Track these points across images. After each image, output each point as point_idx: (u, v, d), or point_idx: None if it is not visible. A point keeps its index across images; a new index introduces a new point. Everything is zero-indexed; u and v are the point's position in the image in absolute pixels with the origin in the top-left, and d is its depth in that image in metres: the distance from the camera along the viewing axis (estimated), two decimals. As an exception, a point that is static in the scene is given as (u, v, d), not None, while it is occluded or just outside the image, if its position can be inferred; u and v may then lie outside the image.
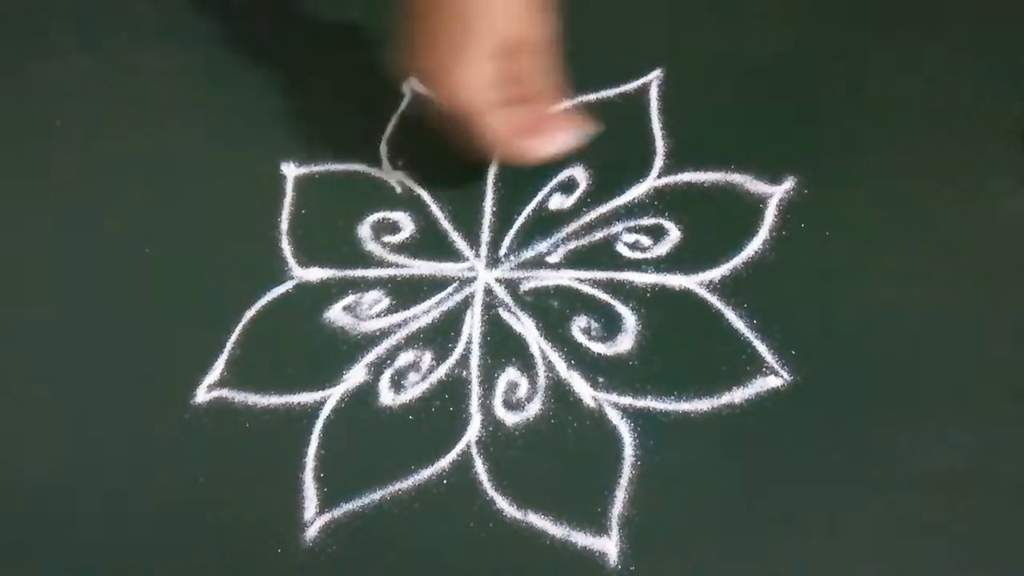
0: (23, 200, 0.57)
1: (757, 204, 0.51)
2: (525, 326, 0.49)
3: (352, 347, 0.49)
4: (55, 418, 0.48)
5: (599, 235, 0.51)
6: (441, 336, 0.49)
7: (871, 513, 0.42)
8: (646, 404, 0.45)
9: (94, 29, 0.64)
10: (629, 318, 0.48)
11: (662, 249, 0.50)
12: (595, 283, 0.50)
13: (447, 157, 0.55)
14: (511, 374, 0.47)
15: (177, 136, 0.58)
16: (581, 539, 0.42)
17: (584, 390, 0.46)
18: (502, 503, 0.43)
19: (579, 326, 0.48)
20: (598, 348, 0.47)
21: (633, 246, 0.51)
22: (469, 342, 0.48)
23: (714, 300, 0.48)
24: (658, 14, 0.60)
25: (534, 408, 0.46)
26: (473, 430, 0.46)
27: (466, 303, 0.50)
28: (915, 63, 0.55)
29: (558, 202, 0.53)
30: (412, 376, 0.48)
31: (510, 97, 0.47)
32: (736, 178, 0.52)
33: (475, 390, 0.47)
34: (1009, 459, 0.42)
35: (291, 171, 0.56)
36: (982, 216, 0.49)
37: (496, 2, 0.45)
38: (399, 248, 0.52)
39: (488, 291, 0.50)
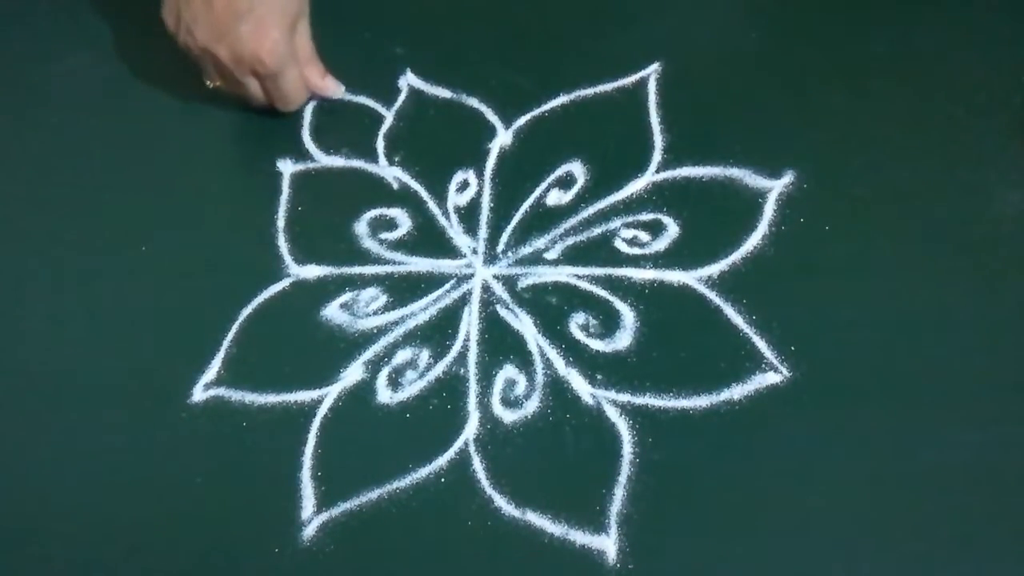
0: (20, 199, 0.57)
1: (756, 199, 0.51)
2: (523, 323, 0.48)
3: (349, 345, 0.49)
4: (52, 417, 0.48)
5: (597, 231, 0.51)
6: (439, 333, 0.49)
7: (871, 510, 0.41)
8: (645, 401, 0.45)
9: (94, 29, 0.64)
10: (627, 314, 0.48)
11: (660, 245, 0.50)
12: (593, 279, 0.49)
13: (445, 153, 0.55)
14: (509, 371, 0.47)
15: (174, 135, 0.58)
16: (580, 537, 0.42)
17: (582, 387, 0.46)
18: (500, 501, 0.43)
19: (577, 323, 0.48)
20: (596, 345, 0.47)
21: (631, 242, 0.50)
22: (467, 339, 0.48)
23: (713, 296, 0.48)
24: (656, 8, 0.59)
25: (532, 406, 0.46)
26: (471, 428, 0.45)
27: (463, 300, 0.50)
28: (914, 57, 0.55)
29: (556, 198, 0.52)
30: (410, 374, 0.47)
31: (294, 58, 0.55)
32: (735, 173, 0.52)
33: (473, 388, 0.47)
34: (1010, 456, 0.42)
35: (287, 168, 0.55)
36: (982, 210, 0.49)
37: None
38: (396, 245, 0.52)
39: (486, 288, 0.50)
